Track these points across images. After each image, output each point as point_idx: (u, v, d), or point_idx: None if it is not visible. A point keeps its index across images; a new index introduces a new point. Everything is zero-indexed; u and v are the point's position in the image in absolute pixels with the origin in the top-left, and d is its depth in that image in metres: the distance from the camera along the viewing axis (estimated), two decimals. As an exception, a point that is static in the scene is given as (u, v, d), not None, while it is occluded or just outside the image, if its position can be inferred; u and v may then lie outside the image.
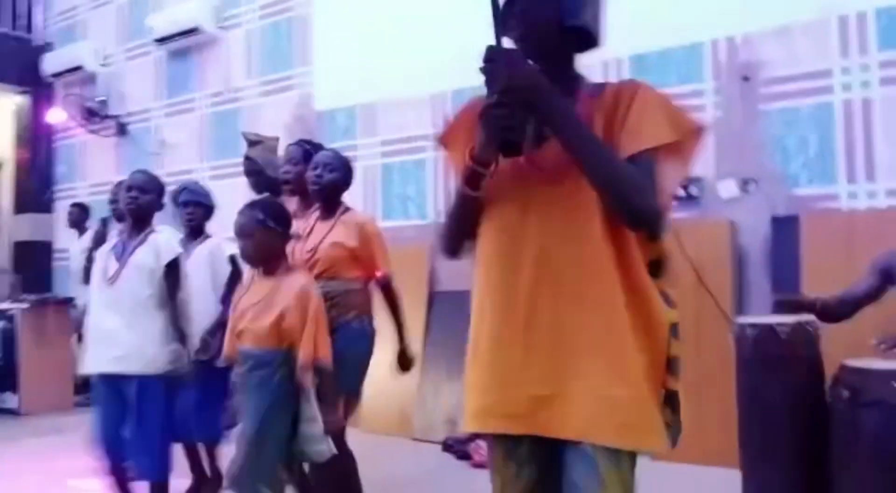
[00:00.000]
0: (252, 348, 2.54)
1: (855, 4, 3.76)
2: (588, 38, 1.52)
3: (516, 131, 1.37)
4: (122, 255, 2.98)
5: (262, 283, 2.63)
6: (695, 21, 4.19)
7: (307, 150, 3.24)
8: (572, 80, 1.53)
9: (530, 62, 1.39)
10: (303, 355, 2.50)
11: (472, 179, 1.45)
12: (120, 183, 3.69)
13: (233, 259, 3.50)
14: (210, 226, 3.73)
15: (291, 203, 3.19)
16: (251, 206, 2.68)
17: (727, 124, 4.08)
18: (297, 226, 2.91)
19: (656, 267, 1.49)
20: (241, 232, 2.60)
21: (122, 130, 7.38)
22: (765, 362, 2.78)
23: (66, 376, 6.25)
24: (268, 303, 2.56)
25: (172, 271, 3.00)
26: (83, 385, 6.75)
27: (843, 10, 3.79)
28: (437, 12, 5.13)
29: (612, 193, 1.37)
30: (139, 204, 3.01)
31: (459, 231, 1.59)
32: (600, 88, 1.51)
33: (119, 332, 2.90)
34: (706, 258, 3.94)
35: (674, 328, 1.47)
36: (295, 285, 2.58)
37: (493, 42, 1.41)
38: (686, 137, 1.45)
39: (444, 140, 1.63)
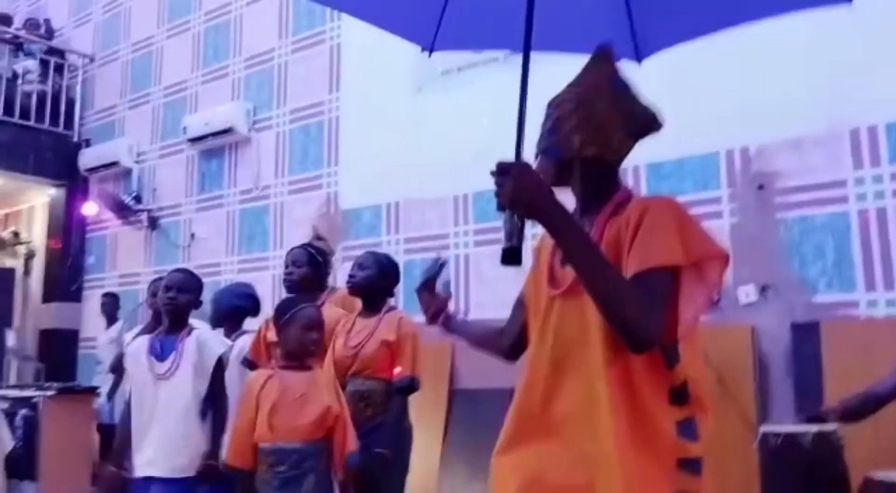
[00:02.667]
0: (293, 442, 2.59)
1: (865, 119, 3.90)
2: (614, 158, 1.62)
3: (515, 242, 1.41)
4: (162, 353, 3.07)
5: (294, 377, 2.70)
6: (710, 131, 4.34)
7: (311, 253, 3.37)
8: (609, 194, 1.59)
9: (541, 177, 1.44)
10: (349, 443, 2.65)
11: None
12: (158, 279, 3.80)
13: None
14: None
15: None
16: (296, 299, 2.84)
17: (744, 231, 4.18)
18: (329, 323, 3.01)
19: (678, 395, 1.47)
20: (321, 325, 2.76)
21: (153, 223, 7.60)
22: (789, 472, 2.79)
23: (85, 466, 6.24)
24: (308, 397, 2.64)
25: (217, 370, 3.08)
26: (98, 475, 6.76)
27: (853, 124, 3.93)
28: (458, 116, 5.36)
29: (604, 309, 1.38)
30: (177, 304, 3.11)
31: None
32: (626, 202, 1.56)
33: (170, 432, 2.94)
34: (728, 363, 3.97)
35: (688, 463, 1.45)
36: (328, 377, 2.78)
37: (512, 149, 1.51)
38: (702, 260, 1.45)
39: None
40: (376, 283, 3.16)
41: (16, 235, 9.03)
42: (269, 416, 2.62)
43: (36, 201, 8.93)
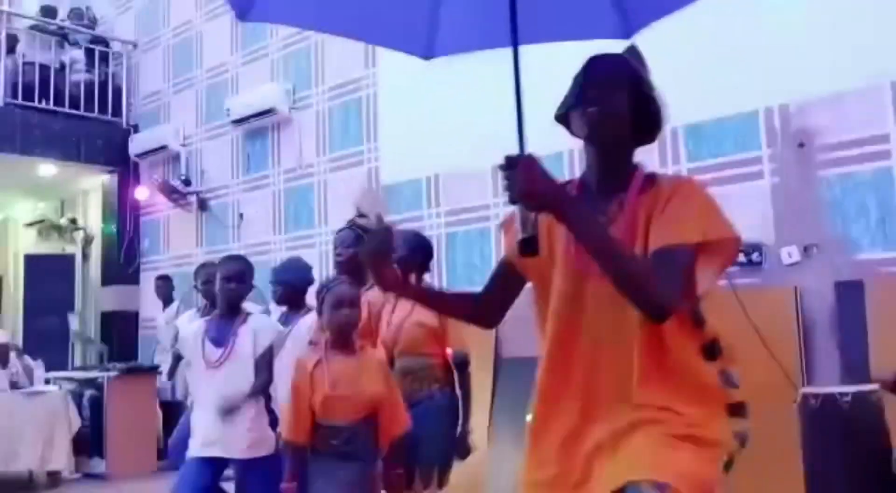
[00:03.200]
0: (343, 421, 2.68)
1: (907, 70, 3.81)
2: (650, 132, 1.68)
3: (530, 231, 1.49)
4: (220, 340, 3.20)
5: (340, 359, 2.75)
6: (748, 90, 4.27)
7: (359, 234, 3.40)
8: (628, 173, 1.65)
9: (545, 168, 1.48)
10: (396, 424, 2.75)
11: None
12: (207, 264, 3.88)
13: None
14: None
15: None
16: (345, 281, 2.87)
17: (785, 190, 4.13)
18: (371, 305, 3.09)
19: (711, 351, 1.60)
20: (353, 302, 2.77)
21: (203, 205, 7.80)
22: (828, 433, 2.81)
23: (150, 442, 6.54)
24: (353, 382, 2.71)
25: (263, 356, 3.20)
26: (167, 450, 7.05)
27: (894, 77, 3.84)
28: (496, 87, 5.34)
29: (622, 289, 1.47)
30: (238, 293, 3.24)
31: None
32: (651, 182, 1.63)
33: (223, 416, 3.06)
34: (771, 325, 3.95)
35: (735, 407, 1.58)
36: (377, 359, 2.86)
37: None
38: (718, 240, 1.54)
39: (505, 227, 1.82)
40: (407, 262, 3.19)
41: (73, 221, 9.35)
42: (322, 398, 2.70)
43: (89, 188, 9.22)
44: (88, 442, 6.47)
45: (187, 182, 7.88)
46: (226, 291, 3.23)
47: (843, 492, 2.73)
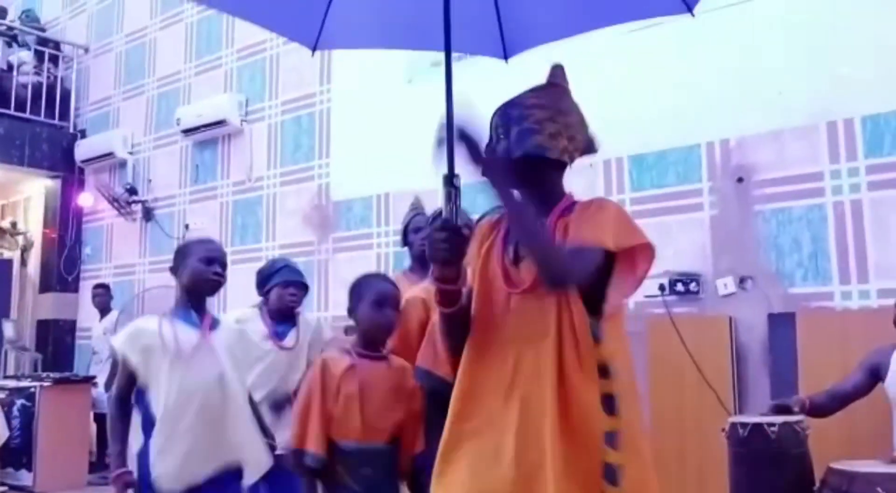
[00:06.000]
0: (379, 443, 2.32)
1: (842, 112, 3.96)
2: (544, 160, 1.73)
3: (453, 251, 1.61)
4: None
5: (373, 368, 2.37)
6: (691, 124, 4.41)
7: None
8: (553, 201, 1.75)
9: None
10: (420, 441, 2.37)
11: (444, 295, 1.68)
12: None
13: None
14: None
15: None
16: (385, 278, 2.62)
17: (724, 223, 4.25)
18: None
19: (604, 370, 1.62)
20: (397, 303, 2.46)
21: (147, 214, 7.68)
22: (755, 461, 2.87)
23: (82, 455, 6.36)
24: (393, 393, 2.36)
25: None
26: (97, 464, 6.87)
27: (831, 117, 3.99)
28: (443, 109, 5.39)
29: (530, 252, 1.61)
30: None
31: (451, 345, 1.78)
32: (572, 206, 1.74)
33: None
34: (707, 353, 4.06)
35: (608, 436, 1.57)
36: (407, 370, 2.43)
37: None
38: (631, 249, 1.63)
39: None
40: None
41: (13, 225, 9.11)
42: (357, 412, 2.30)
43: (32, 192, 9.00)
44: (16, 453, 6.27)
45: (133, 191, 7.76)
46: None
47: (766, 519, 2.80)
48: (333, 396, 2.31)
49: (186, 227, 7.30)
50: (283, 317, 3.43)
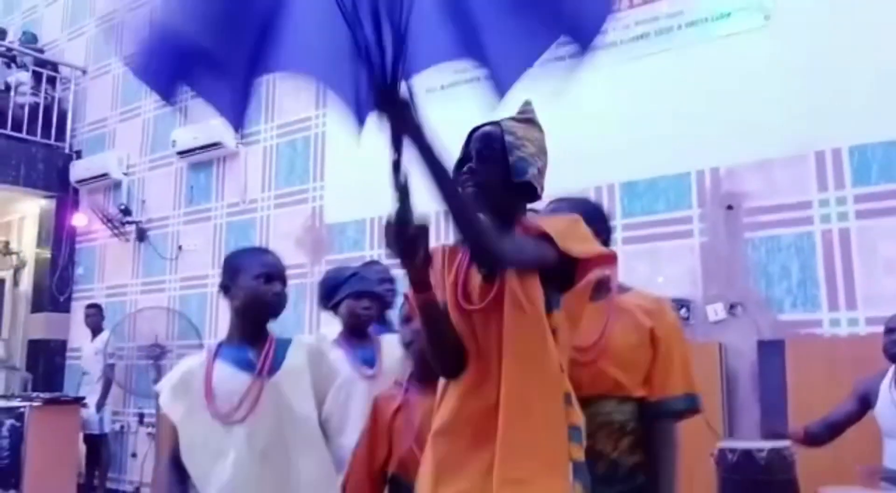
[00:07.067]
0: None
1: (830, 142, 4.03)
2: (531, 191, 1.75)
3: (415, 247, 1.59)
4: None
5: (424, 400, 2.06)
6: (681, 152, 4.47)
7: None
8: (514, 218, 1.77)
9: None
10: None
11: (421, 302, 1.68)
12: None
13: None
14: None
15: None
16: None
17: (713, 250, 4.30)
18: None
19: (568, 398, 1.65)
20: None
21: (141, 235, 7.69)
22: (744, 486, 2.89)
23: (70, 476, 6.32)
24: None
25: None
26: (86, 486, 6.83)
27: (818, 147, 4.05)
28: (441, 134, 5.44)
29: (459, 229, 1.61)
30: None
31: (445, 349, 1.74)
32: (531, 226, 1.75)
33: None
34: (697, 379, 4.06)
35: (575, 469, 1.59)
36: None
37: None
38: (574, 250, 1.64)
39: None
40: None
41: (6, 245, 9.10)
42: (404, 454, 2.10)
43: (26, 212, 9.01)
44: (5, 474, 6.22)
45: (127, 211, 7.78)
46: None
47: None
48: (386, 440, 2.14)
49: (180, 248, 7.31)
50: (359, 336, 2.86)
